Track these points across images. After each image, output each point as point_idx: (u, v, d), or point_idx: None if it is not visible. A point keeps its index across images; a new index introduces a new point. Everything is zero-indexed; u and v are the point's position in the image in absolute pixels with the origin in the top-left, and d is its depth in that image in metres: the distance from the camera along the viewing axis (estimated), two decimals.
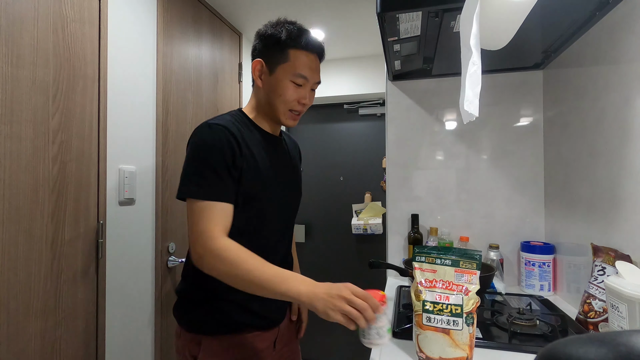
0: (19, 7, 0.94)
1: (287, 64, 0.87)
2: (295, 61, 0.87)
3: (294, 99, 0.89)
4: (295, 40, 0.87)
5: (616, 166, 0.90)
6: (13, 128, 0.93)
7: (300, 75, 0.88)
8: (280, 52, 0.88)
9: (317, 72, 0.92)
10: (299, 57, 0.88)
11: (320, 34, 2.18)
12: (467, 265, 0.74)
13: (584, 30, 1.02)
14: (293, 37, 0.87)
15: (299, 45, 0.87)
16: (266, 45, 0.90)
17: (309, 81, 0.90)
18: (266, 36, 0.89)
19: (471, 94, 0.68)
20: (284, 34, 0.87)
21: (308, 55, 0.89)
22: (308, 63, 0.89)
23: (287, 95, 0.88)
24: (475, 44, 0.67)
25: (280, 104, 0.89)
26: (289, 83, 0.88)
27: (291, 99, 0.89)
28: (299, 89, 0.89)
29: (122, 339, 1.27)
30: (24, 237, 0.95)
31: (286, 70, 0.88)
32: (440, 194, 1.48)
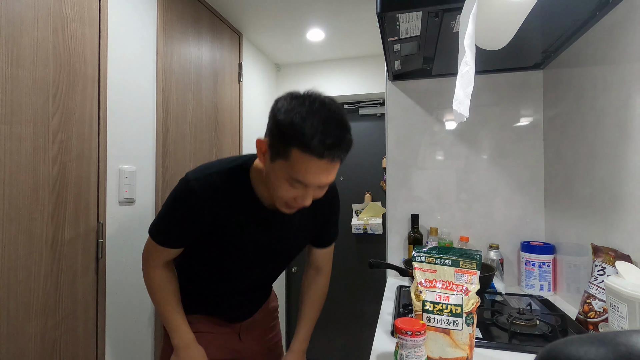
0: (19, 7, 0.94)
1: (286, 163, 0.71)
2: (296, 164, 0.70)
3: (290, 197, 0.76)
4: (302, 140, 0.68)
5: (616, 166, 0.90)
6: (13, 128, 0.93)
7: (297, 180, 0.72)
8: (282, 145, 0.71)
9: (324, 175, 0.72)
10: (301, 161, 0.70)
11: (320, 34, 2.18)
12: (467, 265, 0.74)
13: (584, 30, 1.02)
14: (300, 134, 0.68)
15: (304, 147, 0.68)
16: (273, 128, 0.73)
17: (309, 186, 0.74)
18: (275, 119, 0.72)
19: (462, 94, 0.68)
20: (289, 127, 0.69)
21: (315, 161, 0.69)
22: (312, 169, 0.70)
23: (281, 192, 0.75)
24: (470, 43, 0.67)
25: (275, 195, 0.78)
26: (285, 182, 0.73)
27: (286, 197, 0.76)
28: (296, 188, 0.74)
29: (122, 339, 1.27)
30: (24, 237, 0.95)
31: (285, 168, 0.72)
32: (440, 194, 1.48)
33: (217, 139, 1.85)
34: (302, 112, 0.69)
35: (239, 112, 2.10)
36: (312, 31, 2.14)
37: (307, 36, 2.21)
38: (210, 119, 1.80)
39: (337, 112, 0.73)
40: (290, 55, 2.53)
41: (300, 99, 0.72)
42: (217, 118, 1.86)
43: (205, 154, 1.75)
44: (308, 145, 0.68)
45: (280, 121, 0.70)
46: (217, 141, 1.85)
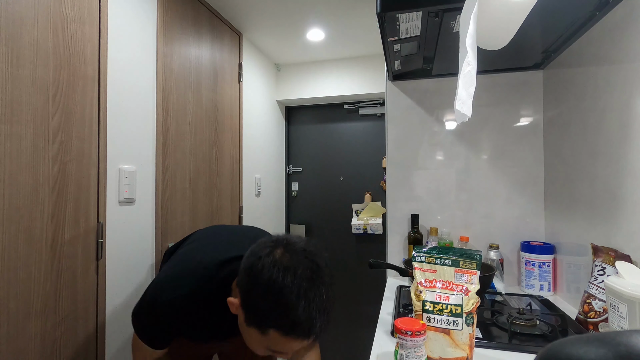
0: (19, 7, 0.94)
1: (262, 335, 0.69)
2: (273, 340, 0.68)
3: (260, 352, 0.75)
4: (279, 323, 0.65)
5: (616, 166, 0.90)
6: (13, 128, 0.93)
7: (274, 351, 0.72)
8: (257, 320, 0.68)
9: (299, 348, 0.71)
10: (279, 340, 0.67)
11: (320, 34, 2.18)
12: (467, 265, 0.74)
13: (584, 30, 1.02)
14: (277, 318, 0.65)
15: (283, 331, 0.66)
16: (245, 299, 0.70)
17: (288, 354, 0.73)
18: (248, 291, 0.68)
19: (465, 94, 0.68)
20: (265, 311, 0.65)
21: (293, 342, 0.68)
22: (293, 346, 0.69)
23: (253, 348, 0.75)
24: (471, 43, 0.67)
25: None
26: (259, 346, 0.72)
27: (257, 351, 0.75)
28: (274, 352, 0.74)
29: (122, 339, 1.27)
30: (24, 237, 0.95)
31: (261, 340, 0.70)
32: (440, 194, 1.48)
33: (217, 138, 1.85)
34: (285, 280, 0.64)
35: (239, 112, 2.10)
36: (312, 31, 2.14)
37: (307, 36, 2.21)
38: (210, 118, 1.81)
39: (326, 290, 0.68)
40: (290, 55, 2.53)
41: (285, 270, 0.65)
42: (217, 118, 1.86)
43: (205, 153, 1.75)
44: (286, 329, 0.65)
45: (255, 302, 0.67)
46: (217, 141, 1.85)
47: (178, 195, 1.55)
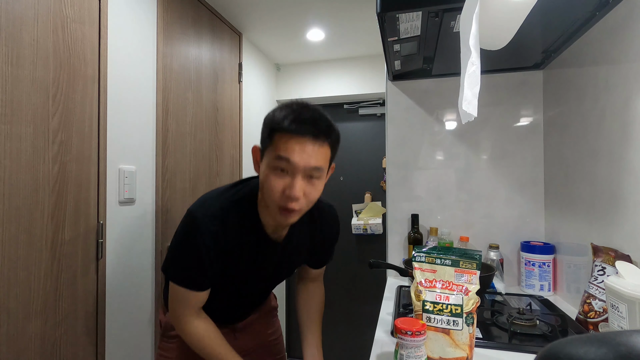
0: (19, 7, 0.94)
1: (270, 148, 0.74)
2: (277, 143, 0.73)
3: (277, 190, 0.74)
4: (280, 122, 0.73)
5: (616, 166, 0.90)
6: (13, 128, 0.93)
7: (280, 156, 0.72)
8: (268, 136, 0.76)
9: (307, 156, 0.72)
10: (281, 139, 0.73)
11: (320, 34, 2.18)
12: (467, 265, 0.74)
13: (584, 30, 1.02)
14: (279, 118, 0.73)
15: (283, 127, 0.72)
16: (262, 129, 0.80)
17: (294, 165, 0.72)
18: (264, 120, 0.80)
19: (470, 94, 0.68)
20: (271, 118, 0.76)
21: (294, 138, 0.72)
22: (292, 145, 0.72)
23: (269, 184, 0.74)
24: (475, 43, 0.67)
25: (267, 197, 0.77)
26: (272, 171, 0.74)
27: (274, 189, 0.74)
28: (283, 177, 0.73)
29: (122, 339, 1.27)
30: (24, 237, 0.95)
31: (269, 155, 0.75)
32: (440, 194, 1.48)
33: (217, 138, 1.85)
34: (280, 107, 0.77)
35: (239, 112, 2.10)
36: (312, 31, 2.14)
37: (307, 36, 2.21)
38: (210, 119, 1.81)
39: (313, 106, 0.78)
40: (290, 55, 2.53)
41: (282, 104, 0.78)
42: (217, 118, 1.86)
43: (205, 154, 1.75)
44: (285, 124, 0.72)
45: (266, 118, 0.78)
46: (217, 141, 1.85)
47: (178, 195, 1.55)
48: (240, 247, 0.83)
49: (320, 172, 0.75)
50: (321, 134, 0.74)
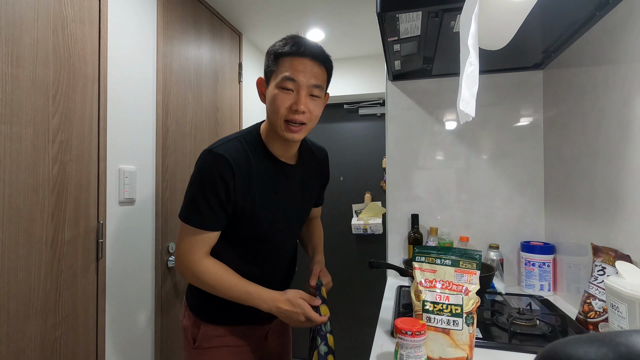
0: (19, 7, 0.94)
1: (276, 72, 0.85)
2: (281, 66, 0.84)
3: (284, 107, 0.83)
4: (283, 47, 0.85)
5: (616, 166, 0.90)
6: (13, 128, 0.93)
7: (285, 77, 0.83)
8: (272, 63, 0.87)
9: (309, 75, 0.84)
10: (286, 62, 0.84)
11: (320, 34, 2.18)
12: (467, 265, 0.74)
13: (584, 30, 1.02)
14: (282, 45, 0.86)
15: (287, 52, 0.84)
16: (266, 61, 0.90)
17: (298, 83, 0.83)
18: (266, 53, 0.90)
19: (468, 94, 0.68)
20: (274, 48, 0.87)
21: (297, 59, 0.84)
22: (296, 65, 0.83)
23: (277, 102, 0.84)
24: (473, 43, 0.67)
25: (274, 115, 0.86)
26: (279, 91, 0.84)
27: (281, 106, 0.83)
28: (289, 94, 0.84)
29: (122, 339, 1.27)
30: (24, 237, 0.95)
31: (275, 77, 0.85)
32: (440, 194, 1.48)
33: (217, 138, 1.85)
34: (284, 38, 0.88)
35: (239, 112, 2.10)
36: (312, 31, 2.14)
37: (307, 36, 2.21)
38: (210, 119, 1.81)
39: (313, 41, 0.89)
40: None
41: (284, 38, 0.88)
42: (217, 118, 1.86)
43: None
44: (288, 50, 0.84)
45: (269, 49, 0.88)
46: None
47: (178, 195, 1.55)
48: (258, 174, 0.88)
49: (320, 90, 0.87)
50: (319, 56, 0.86)
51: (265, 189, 0.89)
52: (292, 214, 0.99)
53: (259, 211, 0.89)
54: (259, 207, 0.89)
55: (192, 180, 0.86)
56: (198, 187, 0.84)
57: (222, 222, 0.86)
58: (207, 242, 0.86)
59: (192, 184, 0.86)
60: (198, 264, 0.85)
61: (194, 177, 0.85)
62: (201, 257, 0.86)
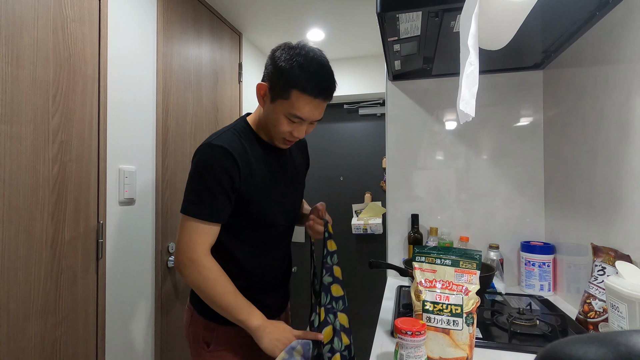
0: (19, 7, 0.94)
1: (286, 102, 0.85)
2: (295, 102, 0.84)
3: (287, 131, 0.88)
4: (302, 85, 0.83)
5: (616, 166, 0.90)
6: (13, 128, 0.93)
7: (296, 116, 0.85)
8: (284, 87, 0.84)
9: (317, 113, 0.88)
10: (300, 100, 0.84)
11: (320, 34, 2.18)
12: (467, 265, 0.74)
13: (584, 30, 1.02)
14: (300, 79, 0.83)
15: (303, 89, 0.83)
16: (274, 73, 0.86)
17: (306, 121, 0.88)
18: (275, 64, 0.86)
19: (468, 93, 0.68)
20: (290, 70, 0.83)
21: (311, 101, 0.84)
22: (308, 107, 0.85)
23: (280, 127, 0.87)
24: (473, 43, 0.67)
25: (274, 132, 0.90)
26: (284, 118, 0.86)
27: (284, 131, 0.88)
28: (294, 124, 0.87)
29: (122, 339, 1.27)
30: (24, 237, 0.95)
31: (284, 106, 0.85)
32: (440, 194, 1.48)
33: None
34: (300, 61, 0.83)
35: (239, 112, 2.10)
36: (312, 31, 2.14)
37: (307, 36, 2.21)
38: (210, 119, 1.81)
39: (326, 62, 0.88)
40: None
41: (296, 49, 0.86)
42: (217, 118, 1.86)
43: None
44: (306, 88, 0.83)
45: (282, 68, 0.84)
46: None
47: (178, 195, 1.55)
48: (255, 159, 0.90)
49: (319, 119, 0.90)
50: (330, 96, 0.89)
51: (263, 173, 0.92)
52: (291, 194, 1.02)
53: (263, 194, 0.91)
54: (262, 190, 0.91)
55: (193, 174, 0.86)
56: (200, 180, 0.84)
57: (226, 212, 0.87)
58: (211, 235, 0.86)
59: (193, 178, 0.86)
60: (203, 258, 0.84)
61: (195, 171, 0.86)
62: (206, 251, 0.85)
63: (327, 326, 0.88)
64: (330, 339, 0.87)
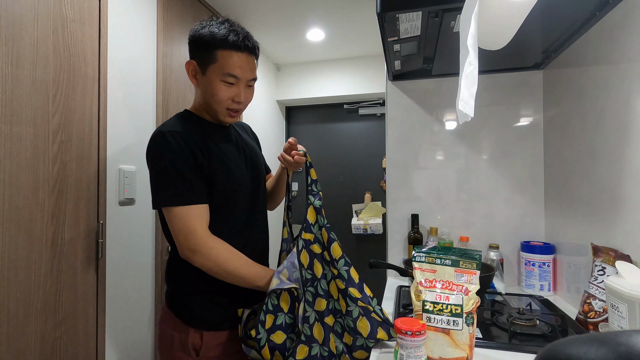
0: (19, 7, 0.94)
1: (215, 65, 0.87)
2: (223, 62, 0.87)
3: (227, 98, 0.89)
4: (222, 41, 0.86)
5: (616, 166, 0.90)
6: (13, 128, 0.93)
7: (229, 74, 0.87)
8: (208, 53, 0.87)
9: (249, 70, 0.91)
10: (226, 57, 0.87)
11: (320, 34, 2.18)
12: (467, 265, 0.74)
13: (584, 30, 1.02)
14: (219, 37, 0.86)
15: (226, 45, 0.86)
16: (196, 46, 0.90)
17: (241, 79, 0.89)
18: (194, 38, 0.89)
19: (467, 94, 0.68)
20: (209, 36, 0.87)
21: (237, 54, 0.88)
22: (237, 62, 0.88)
23: (220, 95, 0.89)
24: (473, 43, 0.67)
25: (215, 104, 0.90)
26: (220, 83, 0.88)
27: (224, 98, 0.89)
28: (232, 87, 0.89)
29: (122, 339, 1.27)
30: (24, 237, 0.95)
31: (215, 71, 0.88)
32: (440, 194, 1.48)
33: None
34: (213, 24, 0.88)
35: None
36: (312, 31, 2.14)
37: (307, 36, 2.21)
38: None
39: (237, 23, 0.93)
40: (290, 55, 2.53)
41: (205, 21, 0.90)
42: None
43: None
44: (227, 42, 0.86)
45: (201, 35, 0.88)
46: None
47: None
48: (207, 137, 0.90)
49: (254, 80, 0.95)
50: (254, 47, 0.93)
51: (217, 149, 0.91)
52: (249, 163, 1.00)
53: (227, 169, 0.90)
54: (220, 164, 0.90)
55: (154, 165, 0.85)
56: (164, 167, 0.83)
57: (203, 191, 0.86)
58: (204, 215, 0.85)
59: (155, 168, 0.85)
60: (206, 242, 0.83)
61: (155, 162, 0.85)
62: (206, 232, 0.84)
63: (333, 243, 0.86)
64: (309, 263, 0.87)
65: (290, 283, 0.85)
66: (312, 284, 0.86)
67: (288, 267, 0.87)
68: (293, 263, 0.87)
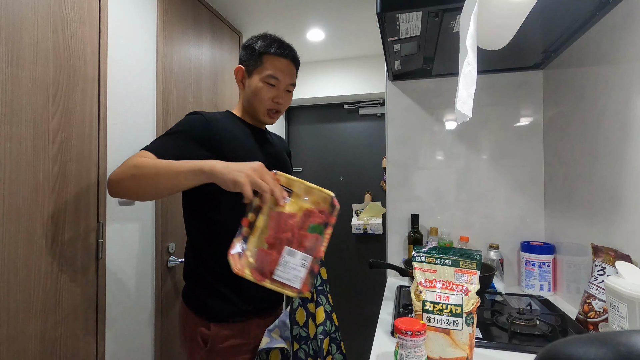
0: (19, 7, 0.94)
1: (260, 68, 1.00)
2: (268, 65, 0.99)
3: (268, 98, 1.00)
4: (268, 47, 1.00)
5: (616, 166, 0.90)
6: (13, 128, 0.93)
7: (271, 75, 0.99)
8: (256, 59, 1.00)
9: (289, 75, 1.02)
10: (270, 61, 1.00)
11: (320, 34, 2.18)
12: (467, 265, 0.74)
13: (584, 30, 1.02)
14: (266, 45, 1.00)
15: (271, 52, 1.00)
16: (246, 54, 1.03)
17: (281, 82, 1.00)
18: (246, 46, 1.04)
19: (465, 94, 0.68)
20: (259, 44, 1.01)
21: (279, 60, 1.00)
22: (279, 66, 1.00)
23: (262, 94, 0.99)
24: (472, 43, 0.67)
25: (258, 103, 1.01)
26: (263, 84, 0.99)
27: (265, 97, 1.00)
28: (272, 89, 1.00)
29: (122, 339, 1.27)
30: (24, 237, 0.95)
31: (260, 73, 1.00)
32: (440, 194, 1.48)
33: None
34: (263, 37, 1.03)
35: None
36: (312, 31, 2.14)
37: (307, 36, 2.21)
38: None
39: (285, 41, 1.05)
40: None
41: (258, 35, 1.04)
42: None
43: None
44: (272, 49, 1.00)
45: (251, 45, 1.02)
46: None
47: (178, 195, 1.55)
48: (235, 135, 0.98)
49: (294, 87, 1.05)
50: (295, 58, 1.05)
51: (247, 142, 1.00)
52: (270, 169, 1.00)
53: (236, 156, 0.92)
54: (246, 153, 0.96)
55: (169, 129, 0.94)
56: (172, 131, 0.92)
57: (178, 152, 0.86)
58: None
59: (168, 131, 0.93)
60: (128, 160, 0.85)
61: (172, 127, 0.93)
62: None
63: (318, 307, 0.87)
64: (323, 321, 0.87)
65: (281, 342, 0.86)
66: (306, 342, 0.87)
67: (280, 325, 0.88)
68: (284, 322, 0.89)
